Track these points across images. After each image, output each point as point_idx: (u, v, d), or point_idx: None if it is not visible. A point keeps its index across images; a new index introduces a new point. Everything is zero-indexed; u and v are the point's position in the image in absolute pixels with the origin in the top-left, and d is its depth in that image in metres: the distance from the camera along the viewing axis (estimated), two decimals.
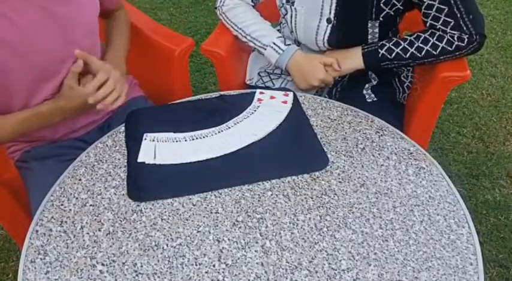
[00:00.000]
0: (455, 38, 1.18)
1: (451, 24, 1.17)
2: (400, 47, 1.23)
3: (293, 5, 1.29)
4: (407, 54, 1.22)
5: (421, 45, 1.21)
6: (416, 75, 1.43)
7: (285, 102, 1.18)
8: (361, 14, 1.23)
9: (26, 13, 0.98)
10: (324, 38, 1.29)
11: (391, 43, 1.23)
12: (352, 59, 1.28)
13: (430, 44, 1.20)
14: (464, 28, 1.17)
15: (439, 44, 1.19)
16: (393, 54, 1.23)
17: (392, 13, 1.21)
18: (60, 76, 1.08)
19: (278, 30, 1.44)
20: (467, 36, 1.17)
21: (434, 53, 1.20)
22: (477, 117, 2.24)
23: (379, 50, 1.24)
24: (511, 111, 2.27)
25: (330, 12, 1.24)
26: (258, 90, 1.21)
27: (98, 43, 1.20)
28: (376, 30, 1.26)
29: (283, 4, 1.33)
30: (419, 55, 1.21)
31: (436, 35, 1.20)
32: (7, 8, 0.96)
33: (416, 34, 1.23)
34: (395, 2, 1.19)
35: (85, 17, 1.11)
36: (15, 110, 1.07)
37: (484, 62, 2.56)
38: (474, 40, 1.17)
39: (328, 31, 1.27)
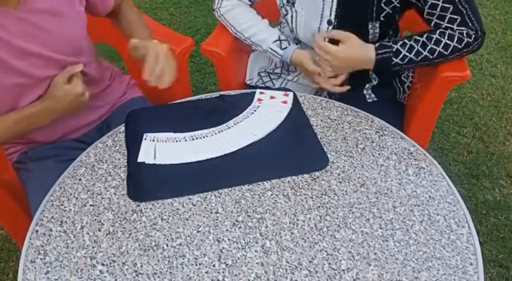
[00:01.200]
0: (464, 34, 1.17)
1: (458, 21, 1.16)
2: (414, 52, 1.19)
3: (293, 6, 1.29)
4: (419, 58, 1.19)
5: (434, 46, 1.18)
6: (416, 75, 1.43)
7: (285, 102, 1.18)
8: (362, 15, 1.22)
9: (7, 26, 0.98)
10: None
11: (406, 50, 1.18)
12: (363, 65, 1.23)
13: (442, 45, 1.18)
14: (470, 24, 1.17)
15: (451, 43, 1.17)
16: (406, 60, 1.19)
17: (390, 11, 1.21)
18: (45, 82, 1.07)
19: (279, 29, 1.44)
20: (473, 32, 1.17)
21: (446, 53, 1.18)
22: (477, 117, 2.24)
23: (393, 59, 1.19)
24: (511, 111, 2.27)
25: (331, 15, 1.24)
26: (258, 90, 1.21)
27: (86, 52, 1.18)
28: (377, 30, 1.25)
29: (283, 5, 1.33)
30: (431, 57, 1.19)
31: (447, 34, 1.18)
32: None
33: (426, 34, 1.19)
34: (393, 0, 1.18)
35: (70, 28, 1.09)
36: (2, 113, 1.06)
37: (484, 62, 2.56)
38: (479, 36, 1.17)
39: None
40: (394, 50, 1.19)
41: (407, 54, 1.19)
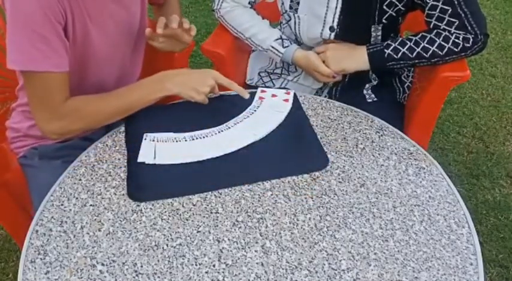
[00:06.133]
0: (461, 39, 1.17)
1: (456, 24, 1.16)
2: (407, 47, 1.20)
3: (296, 12, 1.29)
4: (414, 54, 1.20)
5: (427, 45, 1.19)
6: (416, 75, 1.43)
7: (286, 100, 1.18)
8: (364, 20, 1.22)
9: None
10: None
11: (397, 43, 1.21)
12: (357, 61, 1.25)
13: (436, 45, 1.18)
14: (469, 28, 1.16)
15: (445, 44, 1.18)
16: (399, 54, 1.21)
17: (394, 14, 1.21)
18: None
19: (279, 29, 1.44)
20: (472, 36, 1.17)
21: (441, 53, 1.19)
22: (477, 117, 2.24)
23: (385, 50, 1.22)
24: (511, 111, 2.27)
25: (333, 21, 1.24)
26: (259, 89, 1.21)
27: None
28: (379, 33, 1.25)
29: (286, 11, 1.33)
30: (426, 55, 1.19)
31: (442, 35, 1.18)
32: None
33: (421, 34, 1.21)
34: (397, 3, 1.18)
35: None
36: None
37: (484, 62, 2.56)
38: (479, 40, 1.17)
39: (332, 39, 1.27)
40: (384, 43, 1.23)
41: (399, 47, 1.21)
